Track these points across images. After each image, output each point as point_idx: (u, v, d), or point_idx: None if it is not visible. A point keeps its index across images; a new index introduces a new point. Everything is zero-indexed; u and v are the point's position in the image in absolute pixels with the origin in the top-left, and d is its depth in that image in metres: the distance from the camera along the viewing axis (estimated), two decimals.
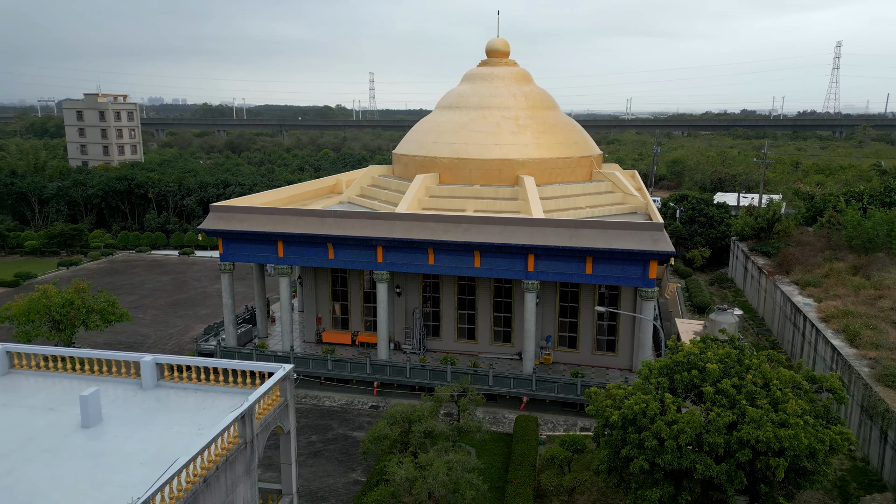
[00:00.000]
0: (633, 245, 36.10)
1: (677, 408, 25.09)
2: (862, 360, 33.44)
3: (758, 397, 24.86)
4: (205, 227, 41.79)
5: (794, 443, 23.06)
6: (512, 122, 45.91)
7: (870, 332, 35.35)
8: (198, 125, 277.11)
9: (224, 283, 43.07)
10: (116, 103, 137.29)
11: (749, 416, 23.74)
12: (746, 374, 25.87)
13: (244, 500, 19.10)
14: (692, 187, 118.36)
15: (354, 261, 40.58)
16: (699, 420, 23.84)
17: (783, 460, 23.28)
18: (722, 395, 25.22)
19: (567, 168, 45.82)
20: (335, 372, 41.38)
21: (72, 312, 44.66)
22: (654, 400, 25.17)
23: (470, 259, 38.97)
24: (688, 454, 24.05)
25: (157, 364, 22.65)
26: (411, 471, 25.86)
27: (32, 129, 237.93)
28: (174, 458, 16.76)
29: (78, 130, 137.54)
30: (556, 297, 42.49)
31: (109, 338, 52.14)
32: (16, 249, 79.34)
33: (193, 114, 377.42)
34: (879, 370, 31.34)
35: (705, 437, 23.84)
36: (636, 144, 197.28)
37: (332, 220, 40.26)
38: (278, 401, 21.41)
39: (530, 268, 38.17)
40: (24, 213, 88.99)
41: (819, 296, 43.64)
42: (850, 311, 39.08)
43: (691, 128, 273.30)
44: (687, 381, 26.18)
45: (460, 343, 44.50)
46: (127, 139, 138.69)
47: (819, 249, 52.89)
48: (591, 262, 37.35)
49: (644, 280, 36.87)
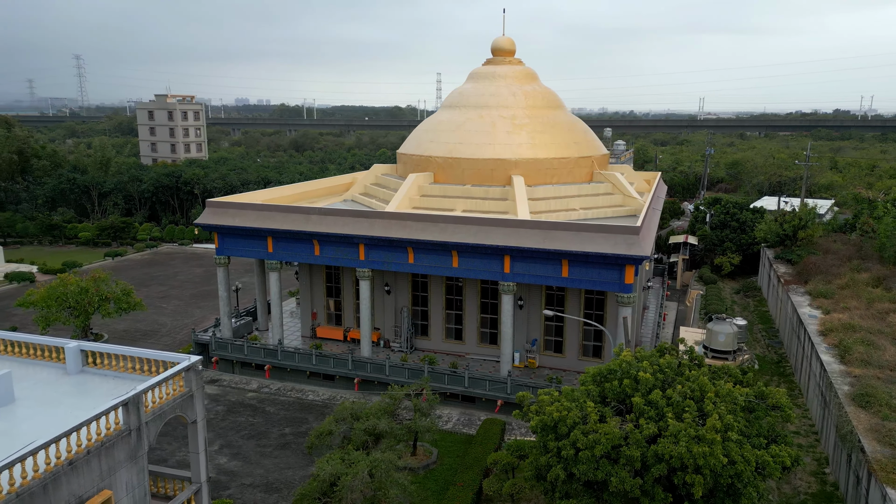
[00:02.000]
0: (606, 249, 34.98)
1: (600, 417, 24.25)
2: (846, 377, 31.19)
3: (687, 410, 23.69)
4: (200, 222, 43.38)
5: (711, 460, 21.85)
6: (508, 121, 45.33)
7: (862, 348, 32.91)
8: (271, 125, 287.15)
9: (219, 276, 44.56)
10: (184, 103, 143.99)
11: (670, 429, 22.67)
12: (678, 386, 24.64)
13: (127, 484, 19.81)
14: (749, 191, 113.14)
15: (339, 258, 41.14)
16: (615, 431, 22.92)
17: (700, 477, 22.12)
18: (650, 407, 24.19)
19: (564, 169, 44.82)
20: (319, 367, 42.09)
21: (86, 300, 47.28)
22: (577, 408, 24.40)
23: (448, 259, 38.78)
24: (604, 466, 23.20)
25: (82, 350, 23.76)
26: (337, 467, 26.06)
27: (120, 128, 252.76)
28: None
29: (149, 129, 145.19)
30: (542, 300, 41.68)
31: (129, 325, 54.92)
32: (72, 240, 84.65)
33: (271, 114, 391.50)
34: (856, 389, 29.15)
35: (623, 450, 22.93)
36: (702, 146, 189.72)
37: (317, 217, 40.95)
38: (181, 391, 22.04)
39: (506, 269, 37.61)
40: (85, 207, 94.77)
41: (828, 307, 40.93)
42: (853, 325, 36.50)
43: (770, 128, 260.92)
44: (617, 391, 25.23)
45: (448, 343, 44.35)
46: (192, 137, 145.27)
47: (846, 258, 49.57)
48: (566, 265, 36.44)
49: (620, 285, 35.65)
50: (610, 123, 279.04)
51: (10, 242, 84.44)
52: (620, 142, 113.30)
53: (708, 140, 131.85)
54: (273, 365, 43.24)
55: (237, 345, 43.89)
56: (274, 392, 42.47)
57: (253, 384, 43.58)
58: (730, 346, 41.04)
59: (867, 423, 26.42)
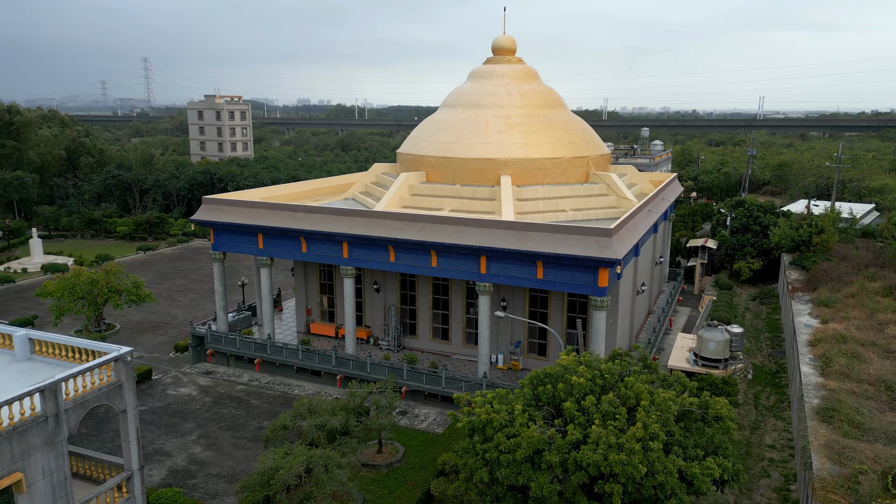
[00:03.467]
0: (579, 251, 34.27)
1: (529, 420, 23.83)
2: (820, 390, 29.64)
3: (618, 417, 23.04)
4: (196, 218, 44.69)
5: (629, 469, 21.22)
6: (502, 120, 44.94)
7: (844, 360, 31.21)
8: (324, 124, 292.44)
9: (215, 271, 45.80)
10: (232, 103, 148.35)
11: (591, 436, 22.12)
12: (611, 392, 23.96)
13: (44, 468, 20.63)
14: (796, 194, 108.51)
15: (324, 255, 41.67)
16: (535, 435, 22.50)
17: (618, 487, 21.52)
18: (581, 413, 23.65)
19: (556, 169, 44.13)
20: (305, 362, 42.75)
21: (95, 291, 49.38)
22: (505, 410, 24.05)
23: (427, 258, 38.76)
24: (526, 470, 22.83)
25: (30, 339, 24.88)
26: (277, 461, 26.46)
27: (181, 127, 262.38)
28: None
29: (198, 129, 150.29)
30: (526, 302, 41.17)
31: (143, 316, 57.03)
32: (111, 234, 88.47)
33: (328, 114, 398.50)
34: (823, 402, 27.69)
35: (545, 455, 22.50)
36: (757, 147, 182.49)
37: (303, 215, 41.58)
38: (110, 380, 22.80)
39: (483, 269, 37.32)
40: (127, 202, 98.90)
41: (827, 316, 38.97)
42: (845, 336, 34.66)
43: (836, 128, 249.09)
44: (551, 395, 24.75)
45: (435, 343, 44.33)
46: (239, 136, 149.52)
47: (864, 265, 47.03)
48: (541, 267, 35.89)
49: (594, 288, 34.87)
50: (665, 123, 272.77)
51: (55, 235, 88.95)
52: (657, 142, 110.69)
53: (751, 140, 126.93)
54: (263, 359, 44.19)
55: (230, 338, 45.03)
56: (262, 386, 43.37)
57: (244, 377, 44.62)
58: (720, 354, 39.68)
59: (824, 438, 25.07)
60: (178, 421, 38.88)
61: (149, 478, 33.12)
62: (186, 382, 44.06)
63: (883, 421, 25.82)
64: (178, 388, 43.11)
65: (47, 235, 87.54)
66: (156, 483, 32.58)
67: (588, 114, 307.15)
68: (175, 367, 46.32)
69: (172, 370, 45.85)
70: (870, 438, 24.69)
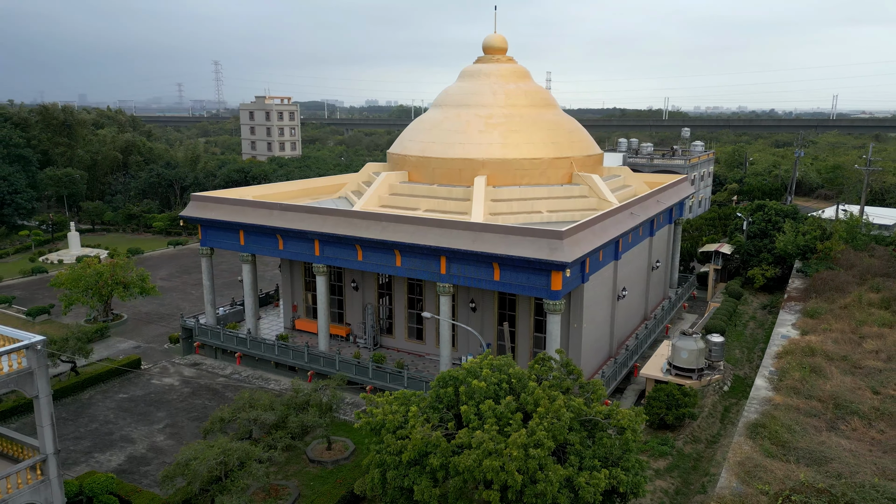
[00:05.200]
0: (530, 253, 33.58)
1: (425, 422, 23.55)
2: (764, 404, 28.05)
3: (511, 423, 22.53)
4: (184, 215, 46.19)
5: (503, 476, 20.74)
6: (483, 120, 44.50)
7: (800, 374, 29.41)
8: (382, 125, 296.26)
9: (203, 266, 47.23)
10: (281, 104, 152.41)
11: (473, 441, 21.72)
12: (508, 397, 23.40)
13: None
14: (850, 198, 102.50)
15: (298, 252, 42.33)
16: (419, 439, 22.24)
17: (495, 493, 21.06)
18: (477, 417, 23.23)
19: (536, 169, 43.34)
20: (280, 357, 43.56)
21: (100, 283, 51.79)
22: (401, 412, 23.87)
23: (392, 258, 38.81)
24: (413, 473, 22.63)
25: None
26: (195, 452, 27.09)
27: None
28: None
29: (249, 129, 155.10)
30: (495, 304, 40.63)
31: (152, 308, 59.39)
32: (150, 229, 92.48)
33: (390, 115, 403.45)
34: (758, 418, 26.19)
35: (430, 459, 22.25)
36: (821, 148, 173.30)
37: (278, 213, 42.35)
38: (20, 367, 23.90)
39: (443, 270, 37.07)
40: (169, 199, 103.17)
41: (809, 328, 36.79)
42: (815, 349, 32.67)
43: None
44: (450, 397, 24.42)
45: (410, 343, 44.32)
46: (287, 136, 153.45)
47: (872, 275, 44.09)
48: (497, 269, 35.36)
49: (547, 291, 34.08)
50: (728, 123, 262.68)
51: (99, 230, 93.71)
52: (698, 142, 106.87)
53: (798, 142, 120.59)
54: (243, 353, 45.28)
55: (215, 332, 46.36)
56: (242, 379, 44.44)
57: (227, 370, 45.84)
58: (693, 364, 38.37)
59: (742, 455, 23.73)
60: (152, 410, 40.33)
61: (107, 463, 34.55)
62: (172, 373, 45.63)
63: (813, 440, 24.21)
64: (163, 378, 44.70)
65: (91, 229, 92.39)
66: (111, 468, 33.90)
67: (648, 114, 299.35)
68: (166, 358, 48.05)
69: (163, 361, 47.58)
70: (790, 458, 23.22)
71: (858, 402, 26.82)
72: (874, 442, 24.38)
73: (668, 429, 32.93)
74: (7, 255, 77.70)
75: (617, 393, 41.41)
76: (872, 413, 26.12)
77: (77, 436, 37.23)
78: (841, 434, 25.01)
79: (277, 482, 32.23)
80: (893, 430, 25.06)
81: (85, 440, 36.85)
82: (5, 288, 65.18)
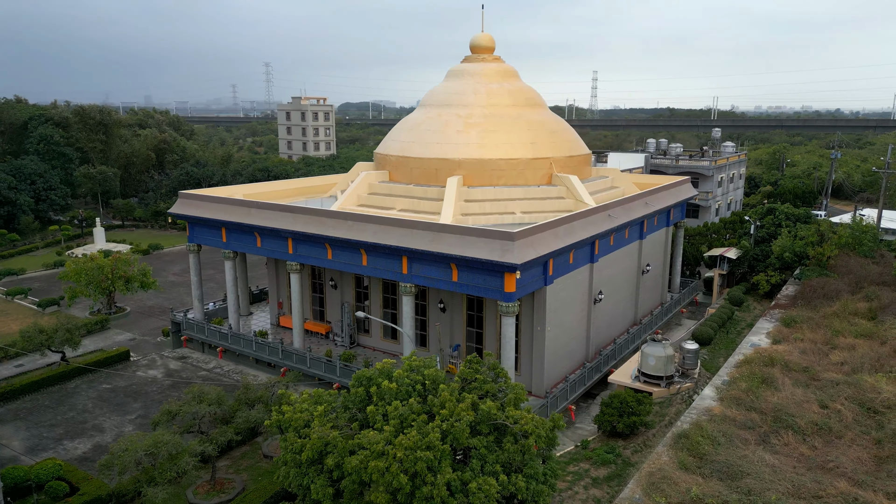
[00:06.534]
0: (483, 254, 33.19)
1: (329, 422, 23.55)
2: (703, 414, 26.97)
3: (413, 424, 22.33)
4: (172, 212, 47.42)
5: (388, 477, 20.59)
6: (462, 120, 44.20)
7: (745, 385, 28.19)
8: None
9: (191, 262, 48.39)
10: (317, 105, 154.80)
11: (365, 441, 21.62)
12: (411, 399, 23.19)
13: None
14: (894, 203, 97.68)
15: (273, 250, 42.93)
16: (320, 438, 22.26)
17: (382, 495, 20.93)
18: (382, 418, 23.12)
19: (512, 170, 42.79)
20: (257, 353, 44.27)
21: (100, 277, 53.68)
22: (309, 411, 23.93)
23: (359, 257, 38.96)
24: (312, 472, 22.69)
25: None
26: (128, 443, 27.78)
27: None
28: None
29: (286, 129, 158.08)
30: (464, 305, 40.30)
31: (156, 302, 61.21)
32: (175, 225, 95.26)
33: None
34: (688, 428, 25.23)
35: (327, 458, 22.25)
36: (878, 150, 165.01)
37: (255, 211, 43.05)
38: None
39: (404, 270, 37.00)
40: None
41: (781, 336, 35.20)
42: (775, 359, 31.27)
43: None
44: (362, 398, 24.36)
45: (385, 342, 44.40)
46: (322, 136, 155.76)
47: (868, 282, 41.90)
48: (455, 269, 35.09)
49: (501, 293, 33.61)
50: (781, 123, 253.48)
51: (128, 225, 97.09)
52: (729, 143, 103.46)
53: (836, 143, 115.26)
54: (224, 348, 46.21)
55: (200, 326, 47.45)
56: (223, 373, 45.36)
57: (211, 364, 46.87)
58: (661, 371, 37.38)
59: (656, 466, 22.92)
60: (130, 401, 41.56)
61: (73, 450, 35.77)
62: (159, 365, 46.93)
63: (735, 454, 23.17)
64: (148, 371, 46.01)
65: (120, 225, 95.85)
66: (75, 456, 35.08)
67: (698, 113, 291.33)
68: (157, 351, 49.45)
69: (153, 353, 48.98)
70: (704, 471, 22.29)
71: (799, 416, 25.50)
72: (801, 458, 23.15)
73: (619, 437, 32.05)
74: (37, 248, 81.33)
75: (588, 398, 40.55)
76: (809, 428, 24.79)
77: (53, 423, 38.67)
78: (770, 448, 23.84)
79: (226, 476, 32.83)
80: (827, 447, 23.75)
81: (59, 428, 38.25)
82: (27, 280, 68.28)
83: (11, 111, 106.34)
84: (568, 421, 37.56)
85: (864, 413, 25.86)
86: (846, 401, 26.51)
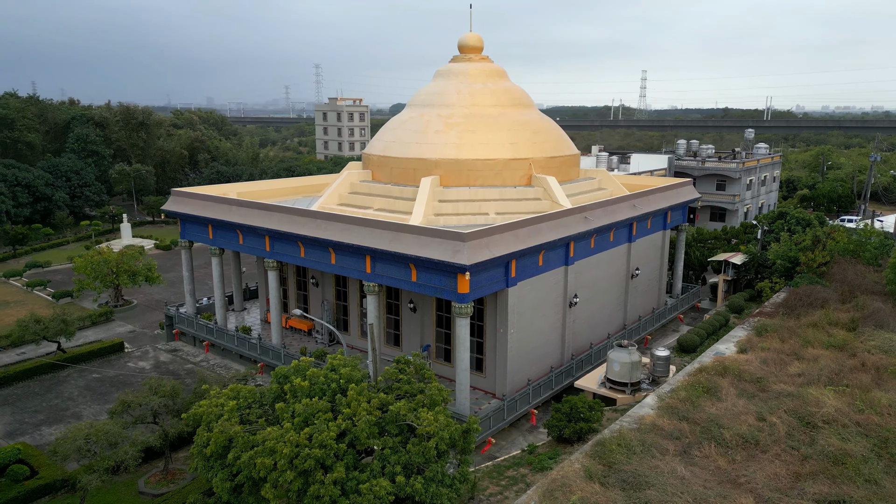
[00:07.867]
0: (436, 255, 33.03)
1: (239, 417, 23.90)
2: (634, 423, 26.20)
3: (317, 422, 22.49)
4: (165, 208, 48.84)
5: (275, 475, 20.83)
6: (442, 120, 44.10)
7: (685, 394, 27.24)
8: None
9: (183, 258, 49.73)
10: (353, 105, 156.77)
11: (262, 437, 21.87)
12: (315, 398, 23.32)
13: None
14: None
15: (253, 248, 43.73)
16: (222, 432, 22.63)
17: (270, 490, 21.15)
18: (290, 415, 23.35)
19: (490, 170, 42.44)
20: (238, 348, 45.22)
21: (105, 270, 55.72)
22: (221, 406, 24.33)
23: (328, 255, 39.31)
24: (217, 466, 23.09)
25: None
26: (71, 431, 28.78)
27: None
28: None
29: (323, 129, 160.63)
30: (433, 305, 40.19)
31: (163, 296, 63.11)
32: None
33: None
34: (607, 436, 24.58)
35: (229, 453, 22.61)
36: None
37: (236, 209, 43.94)
38: None
39: (368, 269, 37.15)
40: None
41: (748, 345, 33.85)
42: (729, 368, 30.12)
43: None
44: (276, 394, 24.65)
45: (362, 341, 44.66)
46: (357, 136, 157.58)
47: (862, 291, 39.89)
48: (414, 269, 35.05)
49: (455, 294, 33.38)
50: (839, 124, 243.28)
51: (158, 222, 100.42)
52: (762, 144, 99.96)
53: (875, 144, 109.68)
54: (210, 342, 47.34)
55: (189, 320, 48.74)
56: (208, 367, 46.43)
57: (199, 357, 48.08)
58: (626, 377, 36.58)
59: (562, 473, 22.37)
60: (113, 391, 43.00)
61: (48, 436, 37.20)
62: (150, 357, 48.42)
63: (647, 465, 22.44)
64: (139, 362, 47.52)
65: (150, 221, 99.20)
66: (48, 441, 36.49)
67: (752, 114, 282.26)
68: (151, 343, 51.02)
69: (147, 345, 50.56)
70: (609, 481, 21.67)
71: (729, 428, 24.48)
72: (717, 471, 22.21)
73: (567, 442, 31.42)
74: (68, 242, 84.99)
75: (556, 401, 39.79)
76: (735, 440, 23.74)
77: (37, 410, 40.37)
78: (688, 460, 22.97)
79: (180, 467, 33.63)
80: (748, 461, 22.72)
81: (41, 414, 39.91)
82: (51, 272, 71.44)
83: (56, 112, 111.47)
84: (529, 426, 37.04)
85: (800, 427, 24.64)
86: (785, 413, 25.31)
